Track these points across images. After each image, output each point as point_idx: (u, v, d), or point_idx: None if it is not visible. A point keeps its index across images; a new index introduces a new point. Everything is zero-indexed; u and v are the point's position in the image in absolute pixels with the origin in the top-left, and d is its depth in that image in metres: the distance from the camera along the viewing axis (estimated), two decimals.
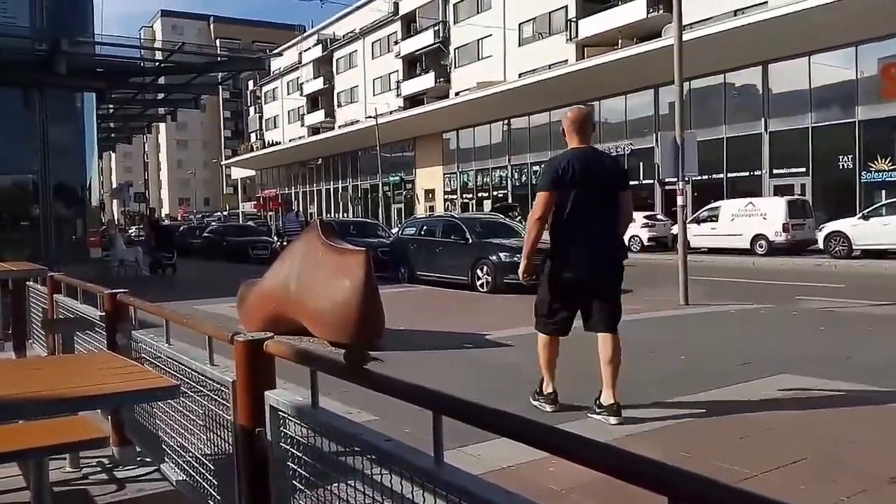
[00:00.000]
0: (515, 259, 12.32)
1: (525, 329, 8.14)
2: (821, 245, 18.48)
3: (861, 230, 17.55)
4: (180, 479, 2.91)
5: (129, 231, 39.49)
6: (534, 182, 34.72)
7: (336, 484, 1.69)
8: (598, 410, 4.45)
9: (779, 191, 23.61)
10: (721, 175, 25.89)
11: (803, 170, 23.96)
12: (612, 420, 4.33)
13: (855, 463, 3.75)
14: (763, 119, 25.04)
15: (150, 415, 3.34)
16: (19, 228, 15.68)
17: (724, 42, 22.65)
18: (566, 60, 33.93)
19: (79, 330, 4.28)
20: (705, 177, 23.64)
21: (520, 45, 38.62)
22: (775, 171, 24.73)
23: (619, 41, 31.39)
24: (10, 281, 5.62)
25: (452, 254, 13.41)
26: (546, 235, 4.62)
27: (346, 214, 47.61)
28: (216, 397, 2.41)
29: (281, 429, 1.93)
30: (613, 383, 4.41)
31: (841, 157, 23.01)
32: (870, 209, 18.52)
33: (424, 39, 47.28)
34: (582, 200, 4.35)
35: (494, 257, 12.44)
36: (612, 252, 4.53)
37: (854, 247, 17.60)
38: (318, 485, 1.76)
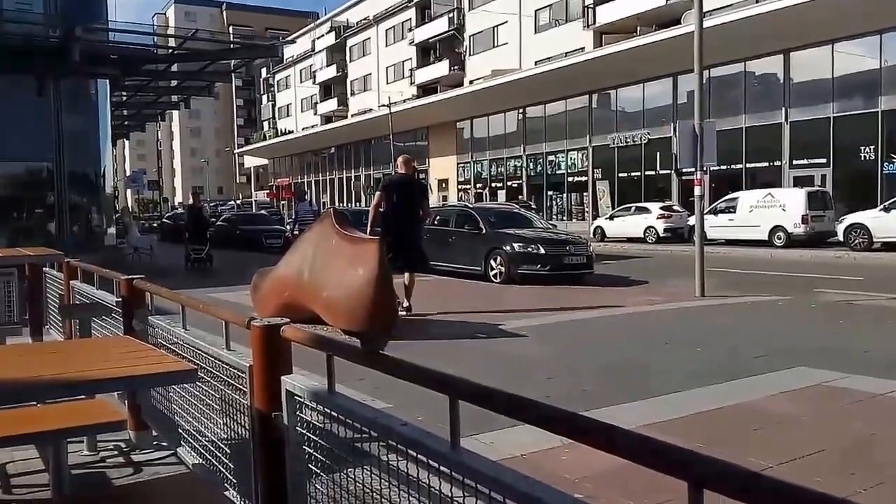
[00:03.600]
0: (530, 249, 12.29)
1: (539, 319, 8.15)
2: (840, 237, 18.22)
3: (882, 222, 17.28)
4: (196, 462, 2.93)
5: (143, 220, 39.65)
6: (549, 172, 34.57)
7: (352, 468, 1.69)
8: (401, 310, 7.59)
9: (798, 182, 23.28)
10: (740, 165, 25.59)
11: (824, 161, 23.61)
12: (404, 314, 7.66)
13: (872, 456, 3.71)
14: (784, 108, 24.68)
15: (166, 399, 3.37)
16: (34, 216, 15.83)
17: (744, 29, 22.28)
18: (583, 48, 33.58)
19: (95, 315, 4.31)
20: (724, 167, 23.37)
21: (536, 32, 38.28)
22: (795, 162, 24.40)
23: (638, 28, 31.00)
24: (27, 266, 5.67)
25: (466, 244, 13.36)
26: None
27: (358, 204, 47.64)
28: (233, 382, 2.42)
29: (297, 413, 1.93)
30: (408, 296, 8.06)
31: (863, 147, 22.64)
32: (891, 201, 18.19)
33: (439, 26, 46.99)
34: (397, 201, 8.08)
35: (508, 247, 12.39)
36: (413, 230, 8.22)
37: (874, 239, 17.35)
38: (335, 469, 1.76)
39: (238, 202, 57.09)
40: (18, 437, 2.58)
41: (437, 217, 15.29)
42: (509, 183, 36.97)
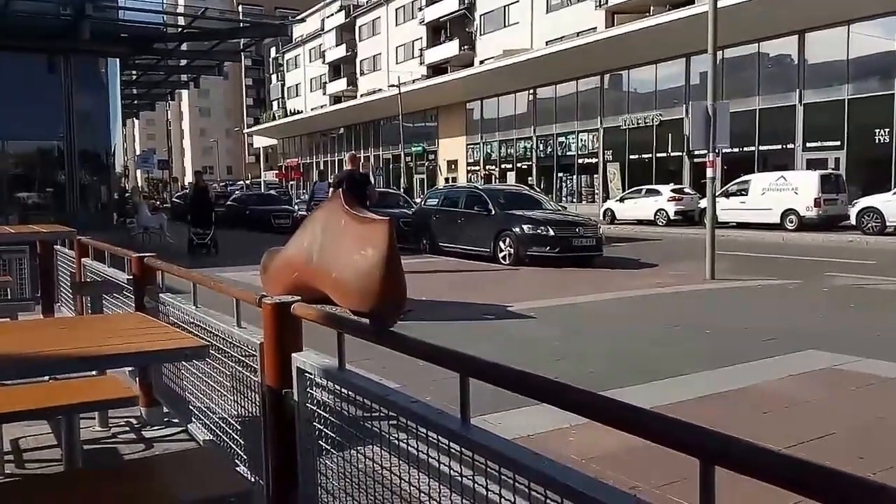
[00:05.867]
0: (539, 231, 12.25)
1: (548, 301, 8.15)
2: (853, 221, 18.05)
3: (895, 206, 17.12)
4: (207, 438, 2.96)
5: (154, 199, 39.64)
6: (559, 154, 34.33)
7: (362, 445, 1.69)
8: None
9: (812, 164, 23.03)
10: (752, 148, 25.31)
11: (837, 143, 23.31)
12: None
13: (882, 439, 3.69)
14: (798, 90, 24.35)
15: (177, 377, 3.39)
16: (45, 194, 15.87)
17: (759, 9, 21.91)
18: (595, 28, 33.18)
19: (107, 292, 4.34)
20: (736, 149, 23.11)
21: (547, 11, 37.82)
22: (808, 145, 24.11)
23: (651, 8, 30.57)
24: (38, 243, 5.69)
25: (475, 225, 13.34)
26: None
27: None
28: (243, 359, 2.43)
29: (308, 390, 1.93)
30: None
31: (877, 130, 22.34)
32: None
33: (449, 5, 46.47)
34: (348, 192, 10.02)
35: (517, 229, 12.35)
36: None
37: (888, 223, 17.17)
38: (345, 446, 1.76)
39: (247, 182, 57.18)
40: (31, 412, 2.60)
41: (446, 198, 15.25)
42: (519, 164, 36.76)
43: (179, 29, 18.39)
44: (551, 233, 12.17)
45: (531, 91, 35.21)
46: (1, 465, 2.99)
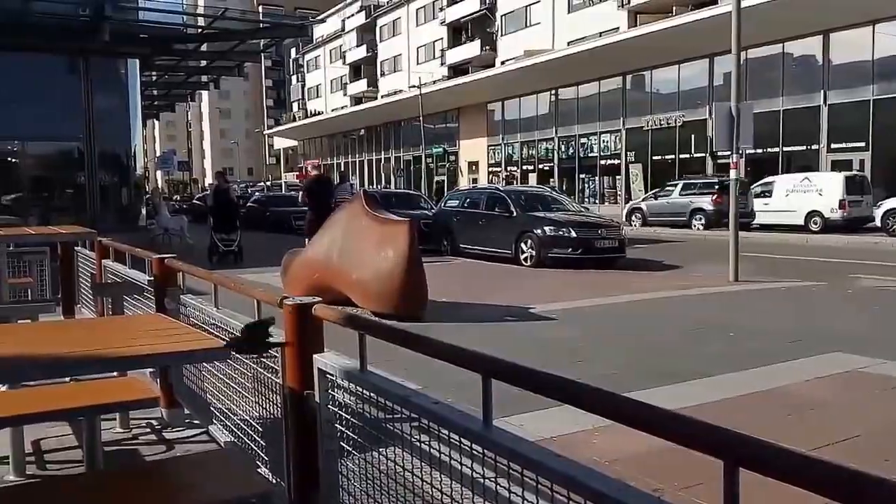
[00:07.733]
0: (561, 233, 12.16)
1: (570, 303, 8.09)
2: (878, 223, 17.74)
3: None
4: (228, 440, 2.97)
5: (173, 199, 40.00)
6: (581, 155, 34.12)
7: (384, 447, 1.68)
8: None
9: (836, 166, 22.68)
10: (776, 149, 24.96)
11: (862, 144, 22.92)
12: None
13: None
14: (822, 91, 23.96)
15: (198, 378, 3.41)
16: (65, 196, 16.02)
17: (783, 9, 21.59)
18: (617, 28, 32.94)
19: (128, 294, 4.36)
20: (760, 150, 22.80)
21: (569, 11, 37.62)
22: (833, 146, 23.71)
23: (674, 8, 30.27)
24: (59, 244, 5.73)
25: (496, 227, 13.28)
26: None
27: (388, 186, 47.69)
28: (264, 360, 2.43)
29: (329, 391, 1.92)
30: None
31: None
32: None
33: (470, 6, 46.42)
34: (318, 195, 11.01)
35: (539, 231, 12.27)
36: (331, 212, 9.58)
37: None
38: (366, 447, 1.75)
39: (268, 183, 57.59)
40: (52, 414, 2.63)
41: (468, 199, 15.21)
42: (541, 166, 36.62)
43: (199, 30, 18.53)
44: (573, 234, 12.08)
45: (553, 92, 35.05)
46: (22, 466, 3.02)
